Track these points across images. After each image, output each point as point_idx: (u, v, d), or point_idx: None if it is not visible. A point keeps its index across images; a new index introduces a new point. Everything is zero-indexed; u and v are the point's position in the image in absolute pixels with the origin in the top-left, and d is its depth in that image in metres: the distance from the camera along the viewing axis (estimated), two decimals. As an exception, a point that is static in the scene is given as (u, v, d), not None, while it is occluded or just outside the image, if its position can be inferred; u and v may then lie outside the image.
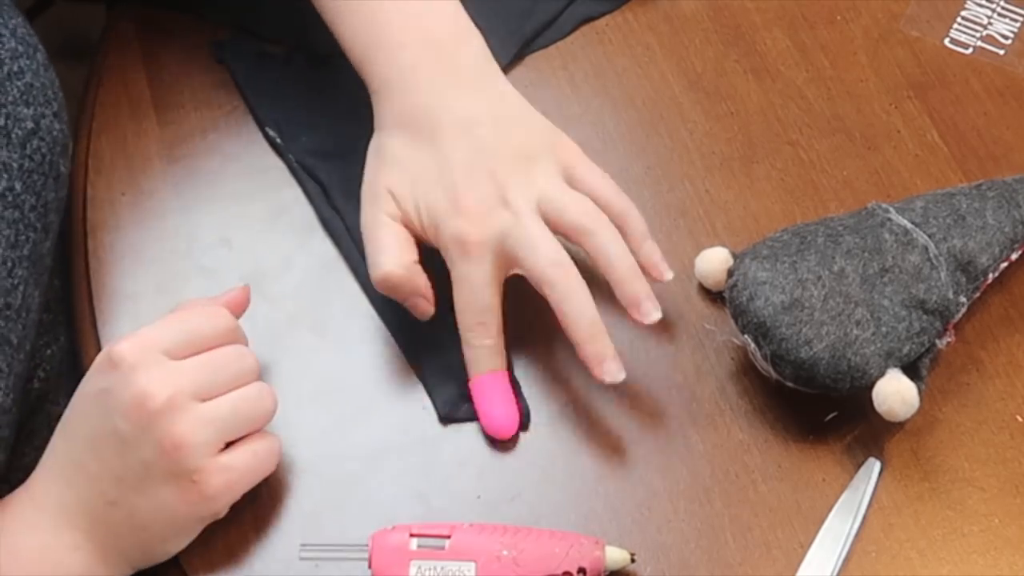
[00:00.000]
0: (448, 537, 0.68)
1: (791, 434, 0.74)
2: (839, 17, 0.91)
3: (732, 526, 0.71)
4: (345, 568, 0.69)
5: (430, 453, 0.74)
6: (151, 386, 0.65)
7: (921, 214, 0.75)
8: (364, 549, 0.68)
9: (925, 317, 0.72)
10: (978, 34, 0.90)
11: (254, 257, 0.81)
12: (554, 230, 0.73)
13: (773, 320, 0.71)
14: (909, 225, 0.74)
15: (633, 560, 0.69)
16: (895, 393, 0.70)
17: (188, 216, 0.82)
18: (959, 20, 0.91)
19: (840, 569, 0.70)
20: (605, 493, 0.73)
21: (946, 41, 0.90)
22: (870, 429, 0.74)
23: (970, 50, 0.90)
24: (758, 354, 0.72)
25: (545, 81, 0.88)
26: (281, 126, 0.85)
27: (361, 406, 0.76)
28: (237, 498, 0.69)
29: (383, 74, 0.76)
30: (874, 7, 0.92)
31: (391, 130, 0.75)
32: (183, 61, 0.88)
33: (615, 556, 0.68)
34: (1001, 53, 0.90)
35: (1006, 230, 0.76)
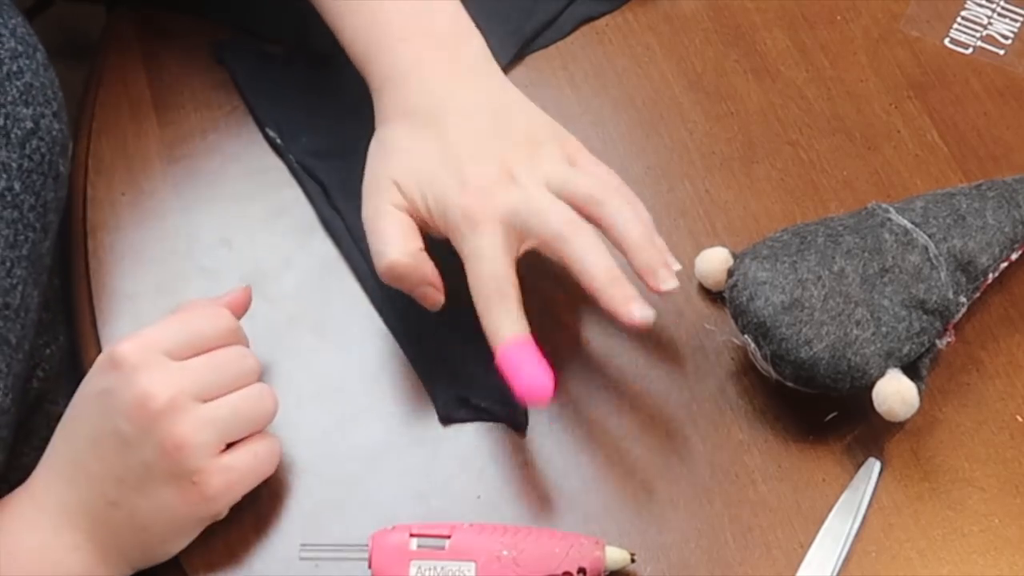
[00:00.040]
0: (448, 537, 0.68)
1: (791, 434, 0.74)
2: (839, 17, 0.91)
3: (732, 526, 0.71)
4: (345, 568, 0.69)
5: (430, 453, 0.74)
6: (153, 387, 0.65)
7: (921, 214, 0.75)
8: (364, 549, 0.68)
9: (925, 317, 0.72)
10: (978, 34, 0.90)
11: (254, 257, 0.81)
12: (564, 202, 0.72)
13: (773, 320, 0.71)
14: (909, 225, 0.74)
15: (633, 560, 0.69)
16: (895, 393, 0.70)
17: (188, 216, 0.82)
18: (959, 20, 0.91)
19: (840, 569, 0.70)
20: (605, 493, 0.73)
21: (946, 41, 0.90)
22: (870, 429, 0.74)
23: (970, 50, 0.90)
24: (758, 354, 0.72)
25: (545, 81, 0.88)
26: (281, 126, 0.85)
27: (361, 406, 0.76)
28: (237, 499, 0.69)
29: (385, 71, 0.76)
30: (874, 7, 0.92)
31: (393, 123, 0.75)
32: (183, 61, 0.88)
33: (615, 556, 0.68)
34: (1001, 53, 0.90)
35: (1006, 230, 0.76)
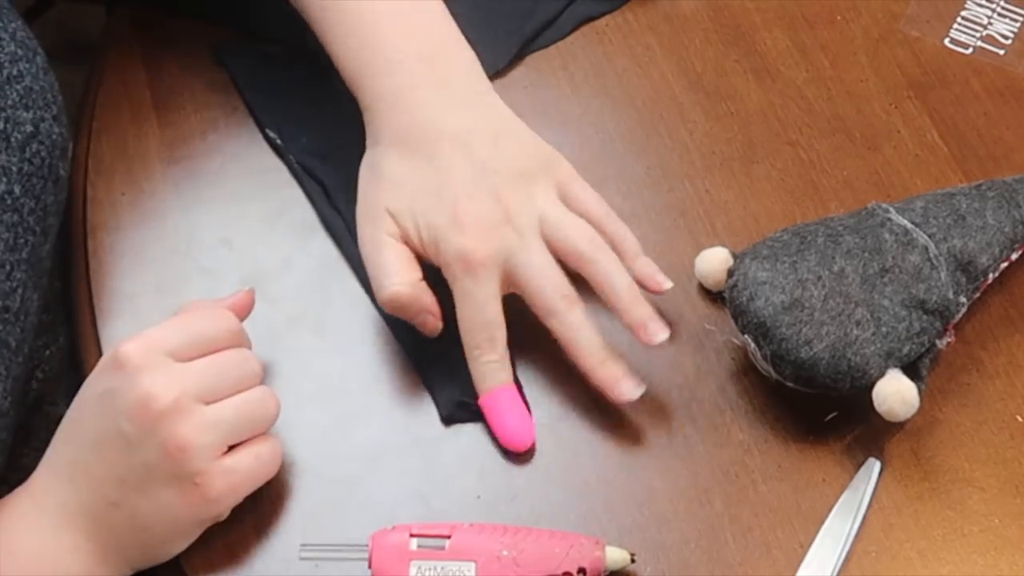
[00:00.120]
0: (448, 537, 0.68)
1: (791, 434, 0.74)
2: (839, 17, 0.91)
3: (732, 526, 0.71)
4: (345, 568, 0.69)
5: (430, 453, 0.74)
6: (156, 388, 0.65)
7: (921, 214, 0.75)
8: (364, 549, 0.68)
9: (925, 317, 0.72)
10: (978, 34, 0.90)
11: (254, 257, 0.81)
12: (553, 252, 0.74)
13: (773, 320, 0.71)
14: (909, 225, 0.74)
15: (633, 560, 0.69)
16: (895, 393, 0.70)
17: (188, 216, 0.82)
18: (959, 20, 0.91)
19: (840, 569, 0.70)
20: (605, 493, 0.73)
21: (946, 41, 0.90)
22: (870, 429, 0.74)
23: (970, 50, 0.90)
24: (758, 354, 0.72)
25: (545, 81, 0.88)
26: (281, 127, 0.85)
27: (361, 406, 0.76)
28: (239, 501, 0.69)
29: (376, 92, 0.76)
30: (874, 7, 0.92)
31: (386, 148, 0.75)
32: (183, 62, 0.88)
33: (615, 556, 0.68)
34: (1001, 53, 0.90)
35: (1006, 230, 0.76)
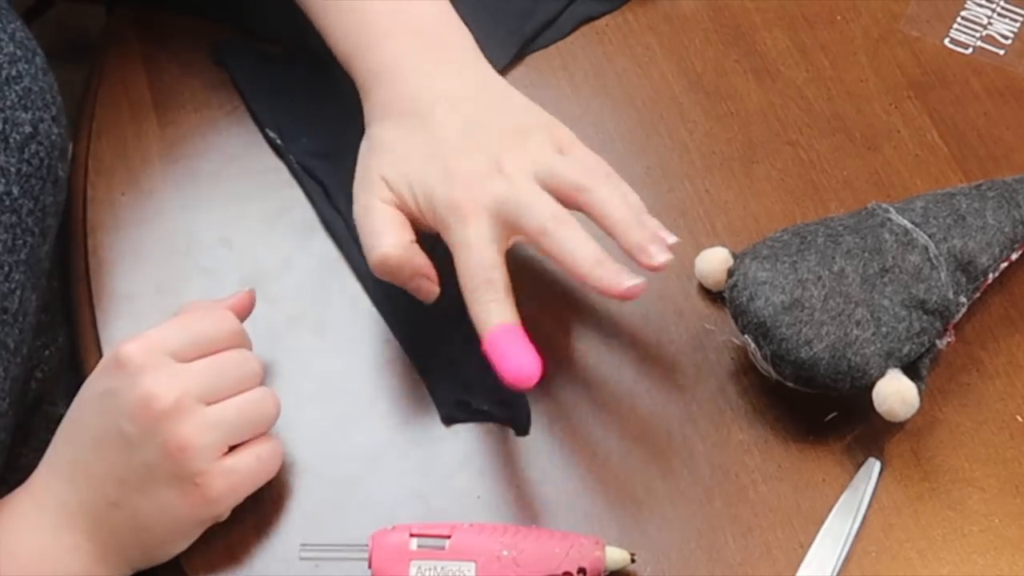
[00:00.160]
0: (448, 537, 0.68)
1: (791, 434, 0.74)
2: (839, 17, 0.91)
3: (732, 526, 0.71)
4: (345, 568, 0.69)
5: (430, 453, 0.74)
6: (157, 388, 0.65)
7: (921, 214, 0.75)
8: (364, 549, 0.68)
9: (925, 317, 0.72)
10: (978, 34, 0.90)
11: (254, 257, 0.81)
12: (549, 192, 0.72)
13: (773, 320, 0.71)
14: (909, 225, 0.74)
15: (633, 560, 0.69)
16: (895, 393, 0.70)
17: (188, 216, 0.82)
18: (959, 20, 0.91)
19: (840, 569, 0.70)
20: (605, 493, 0.73)
21: (946, 41, 0.90)
22: (870, 429, 0.74)
23: (970, 50, 0.90)
24: (758, 354, 0.72)
25: (545, 81, 0.88)
26: (281, 127, 0.85)
27: (361, 406, 0.76)
28: (239, 501, 0.69)
29: (371, 69, 0.76)
30: (874, 7, 0.92)
31: (381, 121, 0.75)
32: (183, 62, 0.88)
33: (615, 556, 0.68)
34: (1001, 53, 0.90)
35: (1006, 230, 0.76)
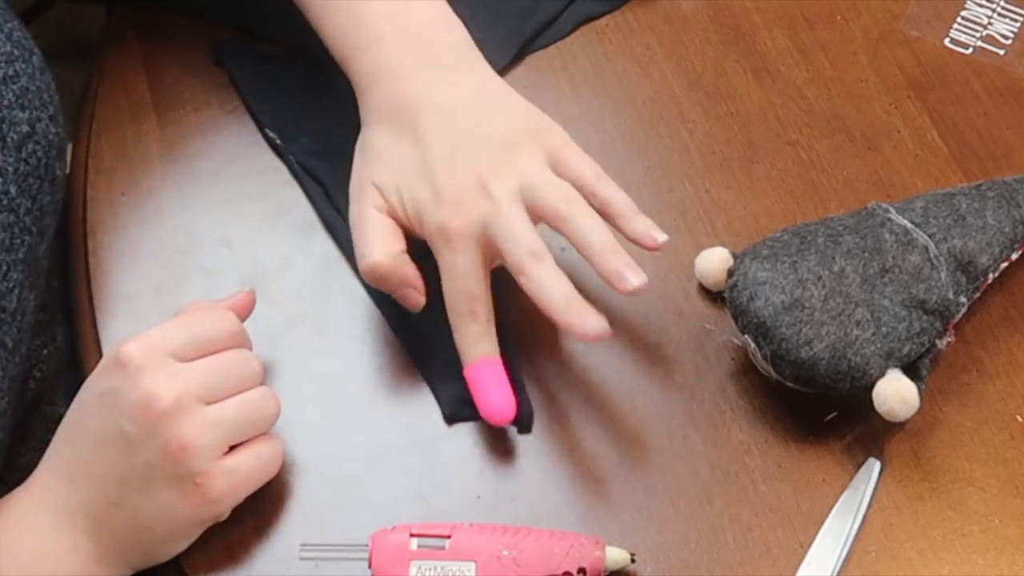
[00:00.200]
0: (448, 537, 0.68)
1: (791, 434, 0.74)
2: (839, 17, 0.91)
3: (732, 526, 0.71)
4: (345, 568, 0.69)
5: (430, 453, 0.74)
6: (158, 388, 0.65)
7: (921, 214, 0.75)
8: (364, 549, 0.68)
9: (925, 317, 0.72)
10: (978, 34, 0.90)
11: (254, 257, 0.81)
12: (534, 217, 0.73)
13: (773, 320, 0.71)
14: (909, 225, 0.74)
15: (633, 560, 0.69)
16: (895, 393, 0.70)
17: (188, 216, 0.82)
18: (959, 20, 0.91)
19: (840, 569, 0.70)
20: (605, 493, 0.73)
21: (946, 41, 0.90)
22: (870, 429, 0.74)
23: (970, 50, 0.90)
24: (758, 354, 0.72)
25: (545, 81, 0.88)
26: (281, 127, 0.85)
27: (361, 406, 0.76)
28: (239, 501, 0.69)
29: (366, 71, 0.77)
30: (874, 7, 0.92)
31: (375, 125, 0.76)
32: (183, 61, 0.88)
33: (615, 556, 0.68)
34: (1001, 53, 0.90)
35: (1006, 230, 0.76)
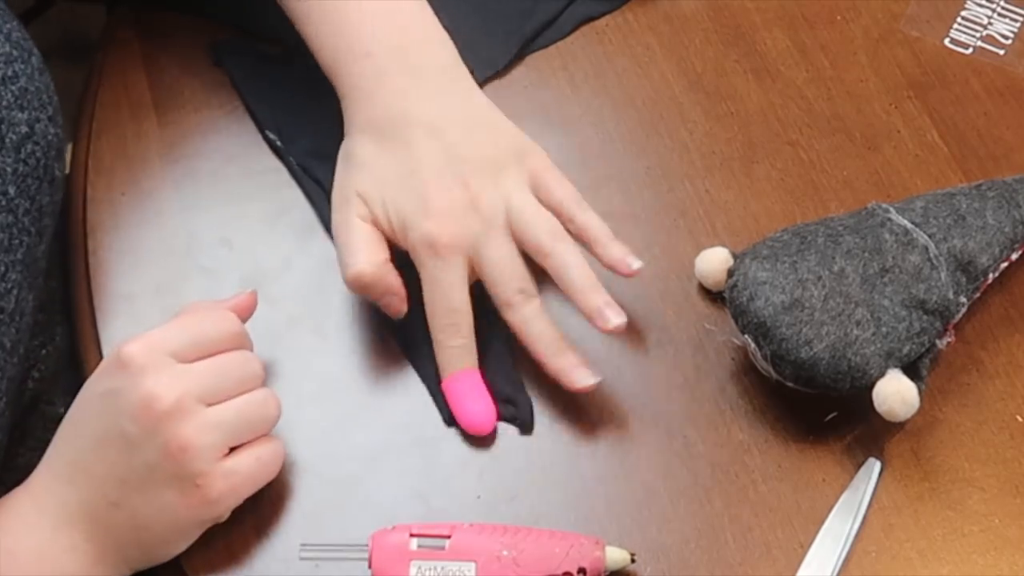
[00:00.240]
0: (448, 537, 0.68)
1: (791, 434, 0.74)
2: (839, 17, 0.91)
3: (732, 526, 0.71)
4: (345, 568, 0.69)
5: (430, 453, 0.74)
6: (159, 388, 0.65)
7: (921, 214, 0.75)
8: (364, 549, 0.68)
9: (925, 317, 0.72)
10: (978, 34, 0.90)
11: (254, 257, 0.81)
12: (517, 242, 0.74)
13: (773, 320, 0.71)
14: (909, 225, 0.74)
15: (633, 560, 0.69)
16: (895, 393, 0.70)
17: (188, 216, 0.82)
18: (959, 20, 0.91)
19: (840, 569, 0.70)
20: (605, 493, 0.73)
21: (946, 41, 0.90)
22: (870, 429, 0.74)
23: (970, 50, 0.90)
24: (758, 354, 0.72)
25: (545, 81, 0.88)
26: (281, 128, 0.85)
27: (361, 406, 0.76)
28: (239, 502, 0.69)
29: (352, 82, 0.77)
30: (874, 7, 0.92)
31: (359, 135, 0.76)
32: (183, 61, 0.88)
33: (615, 556, 0.68)
34: (1001, 53, 0.90)
35: (1006, 230, 0.76)
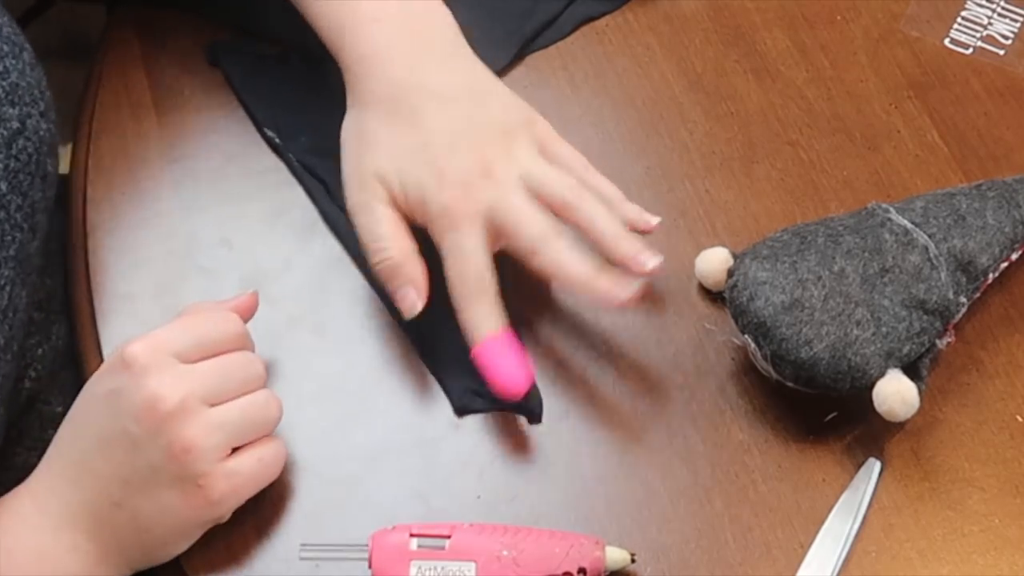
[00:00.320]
0: (448, 537, 0.68)
1: (791, 434, 0.74)
2: (839, 17, 0.91)
3: (732, 526, 0.71)
4: (345, 568, 0.69)
5: (430, 453, 0.74)
6: (162, 389, 0.65)
7: (921, 214, 0.75)
8: (364, 549, 0.68)
9: (925, 317, 0.72)
10: (978, 34, 0.90)
11: (254, 257, 0.81)
12: (540, 203, 0.73)
13: (773, 320, 0.71)
14: (909, 225, 0.74)
15: (633, 560, 0.69)
16: (895, 393, 0.70)
17: (188, 216, 0.82)
18: (959, 20, 0.91)
19: (840, 569, 0.70)
20: (605, 493, 0.73)
21: (946, 41, 0.90)
22: (870, 429, 0.74)
23: (970, 50, 0.90)
24: (758, 354, 0.72)
25: (545, 81, 0.88)
26: (279, 126, 0.85)
27: (361, 406, 0.76)
28: (241, 503, 0.69)
29: (358, 52, 0.76)
30: (874, 7, 0.92)
31: (368, 109, 0.76)
32: (183, 61, 0.88)
33: (615, 556, 0.68)
34: (1001, 53, 0.90)
35: (1006, 230, 0.76)
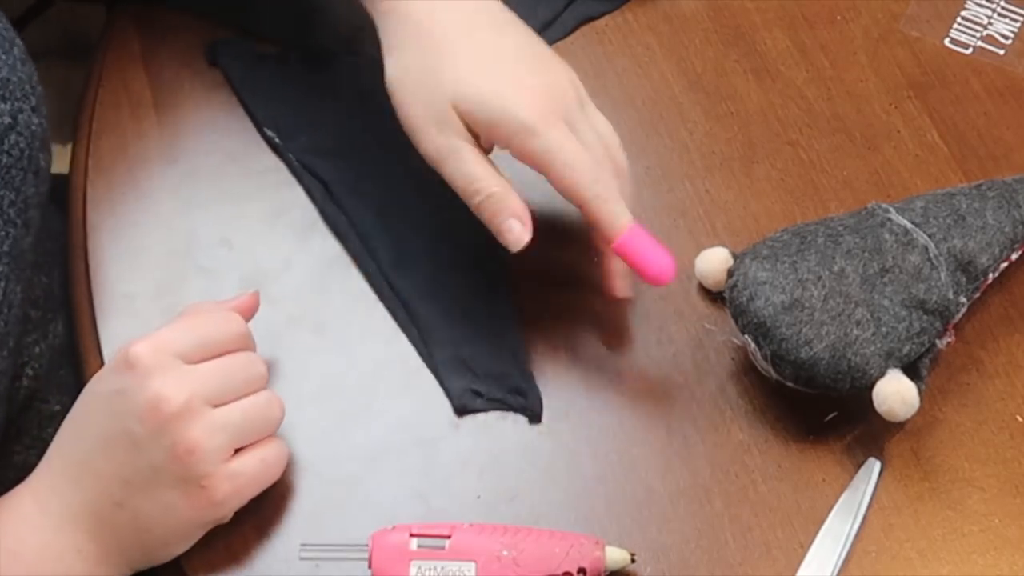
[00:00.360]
0: (448, 537, 0.68)
1: (791, 434, 0.74)
2: (839, 17, 0.91)
3: (732, 526, 0.71)
4: (345, 568, 0.69)
5: (430, 453, 0.74)
6: (166, 390, 0.65)
7: (921, 214, 0.75)
8: (364, 549, 0.68)
9: (925, 317, 0.72)
10: (978, 34, 0.90)
11: (254, 257, 0.81)
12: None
13: (773, 320, 0.71)
14: (909, 225, 0.74)
15: (633, 560, 0.69)
16: (895, 393, 0.70)
17: (188, 216, 0.82)
18: (959, 20, 0.91)
19: (840, 569, 0.70)
20: (605, 493, 0.73)
21: (946, 41, 0.90)
22: (870, 429, 0.74)
23: (970, 50, 0.90)
24: (758, 354, 0.72)
25: (545, 81, 0.88)
26: (279, 126, 0.85)
27: (361, 406, 0.76)
28: (243, 504, 0.69)
29: None
30: (874, 7, 0.92)
31: (412, 49, 0.74)
32: (183, 61, 0.88)
33: (615, 556, 0.68)
34: (1001, 53, 0.90)
35: (1006, 230, 0.76)
